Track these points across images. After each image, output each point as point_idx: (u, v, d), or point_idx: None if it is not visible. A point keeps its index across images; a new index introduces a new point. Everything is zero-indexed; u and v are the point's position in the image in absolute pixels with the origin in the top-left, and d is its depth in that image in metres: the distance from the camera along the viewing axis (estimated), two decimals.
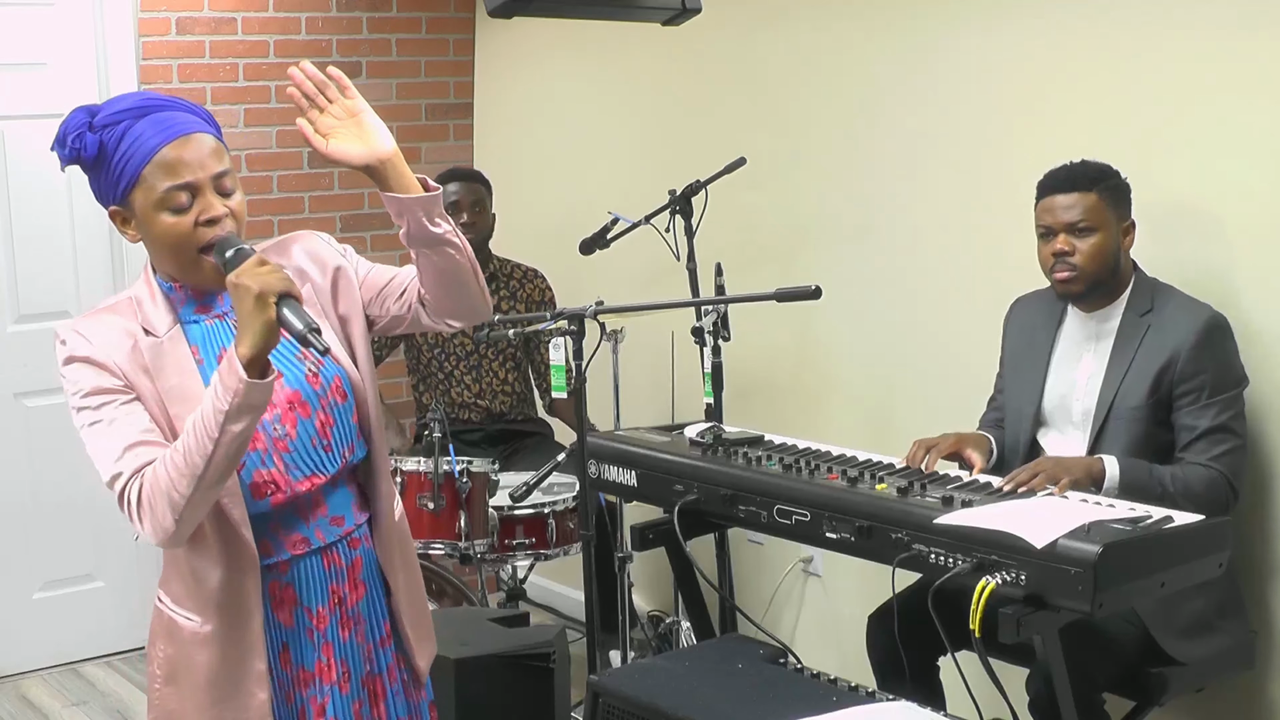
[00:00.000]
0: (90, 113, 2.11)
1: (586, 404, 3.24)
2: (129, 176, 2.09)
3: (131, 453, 2.06)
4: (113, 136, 2.09)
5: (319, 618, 2.22)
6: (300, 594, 2.20)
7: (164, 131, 2.08)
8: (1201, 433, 2.93)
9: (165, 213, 2.09)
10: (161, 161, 2.08)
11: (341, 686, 2.24)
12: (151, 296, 2.17)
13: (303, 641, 2.21)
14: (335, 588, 2.24)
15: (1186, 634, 2.91)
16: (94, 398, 2.09)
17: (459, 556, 3.94)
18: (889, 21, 3.89)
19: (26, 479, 4.69)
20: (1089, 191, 3.00)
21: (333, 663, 2.23)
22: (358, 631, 2.27)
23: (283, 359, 2.17)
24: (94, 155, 2.10)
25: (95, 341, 2.11)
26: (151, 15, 4.72)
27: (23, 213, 4.63)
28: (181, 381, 2.11)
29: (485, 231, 4.57)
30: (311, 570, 2.21)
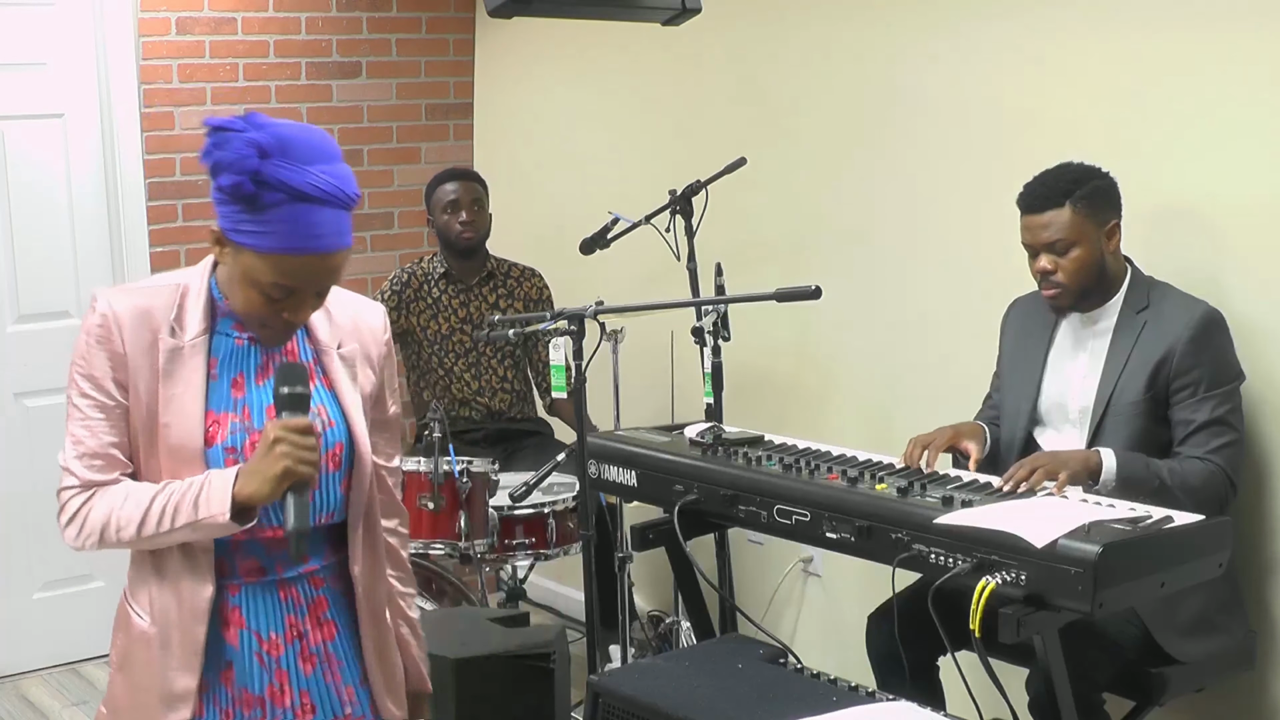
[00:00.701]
0: (261, 153, 2.00)
1: (586, 404, 3.24)
2: (252, 242, 2.02)
3: (91, 462, 2.09)
4: (269, 198, 2.00)
5: (271, 644, 2.18)
6: (247, 617, 2.17)
7: (307, 240, 2.02)
8: (1198, 426, 2.93)
9: (257, 292, 2.07)
10: (286, 264, 2.03)
11: (300, 716, 2.19)
12: (199, 293, 2.14)
13: (249, 664, 2.17)
14: (293, 620, 2.19)
15: (1187, 633, 2.91)
16: (86, 382, 2.10)
17: (459, 556, 3.94)
18: (889, 22, 3.89)
19: (26, 479, 4.69)
20: (1062, 206, 2.98)
21: (288, 689, 2.19)
22: (329, 670, 2.23)
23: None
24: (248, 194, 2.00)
25: (122, 323, 2.09)
26: (151, 15, 4.72)
27: (23, 213, 4.63)
28: (183, 395, 2.10)
29: (484, 230, 4.58)
30: (263, 598, 2.17)
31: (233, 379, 2.14)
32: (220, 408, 2.13)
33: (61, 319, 4.74)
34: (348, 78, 5.15)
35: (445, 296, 4.59)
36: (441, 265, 4.60)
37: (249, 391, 2.14)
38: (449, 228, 4.53)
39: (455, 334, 4.58)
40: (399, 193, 5.27)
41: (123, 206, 4.74)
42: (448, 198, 4.54)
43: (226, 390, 2.14)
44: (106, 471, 2.09)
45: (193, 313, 2.13)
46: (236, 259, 2.06)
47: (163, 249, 4.80)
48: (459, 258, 4.58)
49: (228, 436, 2.11)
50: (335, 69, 5.12)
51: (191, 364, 2.11)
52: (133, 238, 4.77)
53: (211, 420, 2.11)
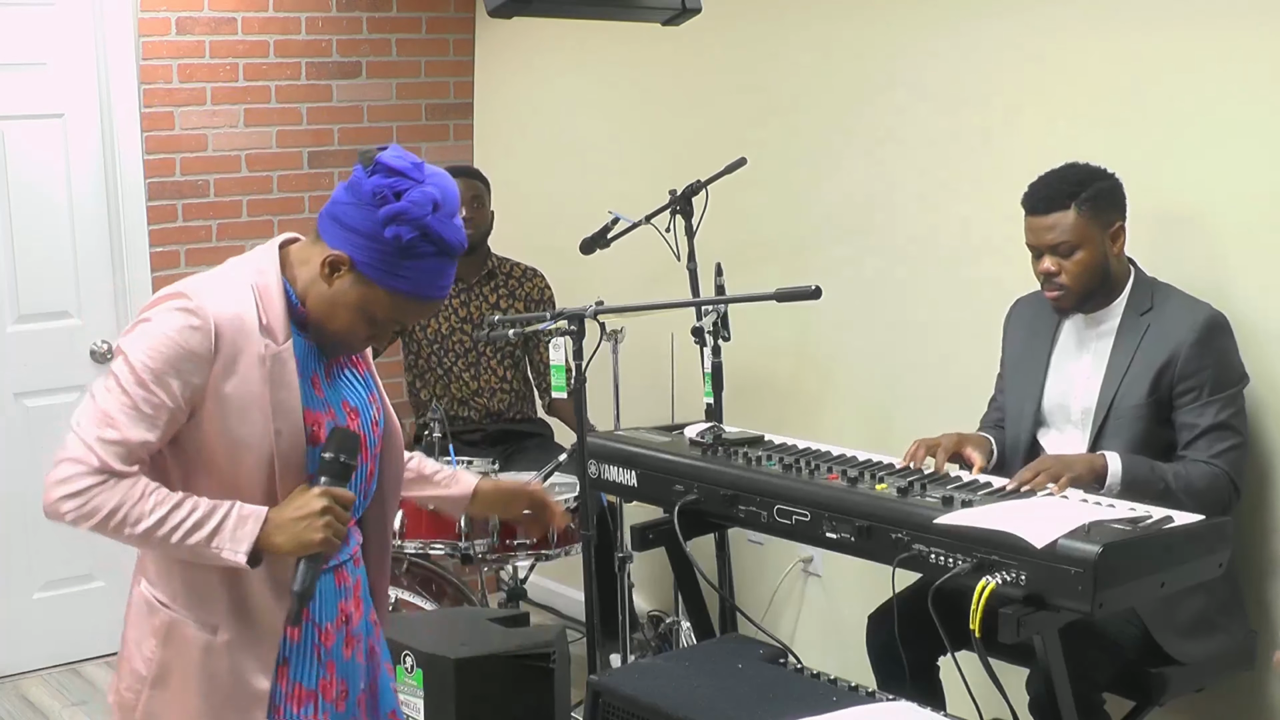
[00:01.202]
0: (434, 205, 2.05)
1: (586, 404, 3.24)
2: (391, 284, 2.07)
3: (116, 450, 2.03)
4: (424, 249, 2.05)
5: (326, 634, 2.21)
6: (313, 611, 2.19)
7: (439, 289, 2.11)
8: (1203, 430, 2.93)
9: (365, 322, 2.11)
10: (414, 305, 2.11)
11: (338, 704, 2.23)
12: (277, 295, 2.11)
13: (308, 658, 2.19)
14: (344, 605, 2.24)
15: (1187, 633, 2.91)
16: (150, 375, 2.02)
17: (459, 556, 3.94)
18: (889, 21, 3.89)
19: (27, 479, 4.68)
20: (1067, 209, 2.97)
21: (334, 680, 2.22)
22: (358, 651, 2.28)
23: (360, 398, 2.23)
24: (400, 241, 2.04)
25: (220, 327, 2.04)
26: (151, 15, 4.72)
27: (23, 213, 4.63)
28: (288, 400, 2.09)
29: (484, 228, 4.58)
30: (326, 587, 2.20)
31: (310, 379, 2.15)
32: (313, 407, 2.14)
33: (61, 319, 4.74)
34: (348, 78, 5.15)
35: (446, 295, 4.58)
36: None
37: (326, 390, 2.17)
38: None
39: (455, 333, 4.58)
40: None
41: (123, 206, 4.74)
42: None
43: (310, 390, 2.14)
44: (127, 463, 2.04)
45: (276, 314, 2.10)
46: (356, 288, 2.08)
47: (163, 249, 4.80)
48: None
49: (324, 435, 2.13)
50: (335, 69, 5.12)
51: (291, 368, 2.10)
52: (133, 238, 4.77)
53: (311, 420, 2.12)
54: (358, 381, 2.25)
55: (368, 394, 2.25)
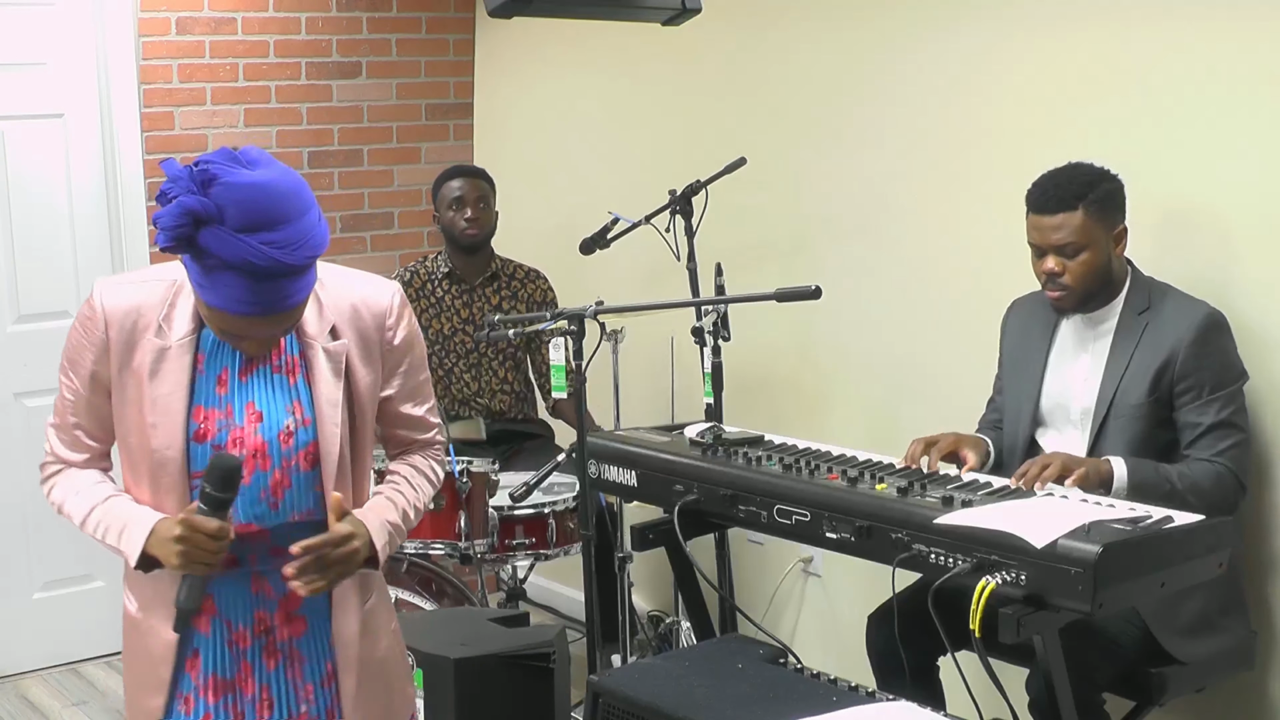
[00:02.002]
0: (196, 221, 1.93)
1: (586, 404, 3.24)
2: (199, 293, 2.02)
3: (62, 436, 2.24)
4: (209, 262, 1.95)
5: (239, 635, 2.21)
6: (219, 605, 2.20)
7: (246, 305, 1.98)
8: (1205, 429, 2.92)
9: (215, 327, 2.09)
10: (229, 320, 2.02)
11: (259, 709, 2.21)
12: (188, 293, 2.14)
13: (219, 651, 2.20)
14: (262, 615, 2.21)
15: (1188, 633, 2.91)
16: (68, 364, 2.19)
17: (459, 556, 3.94)
18: (890, 21, 3.89)
19: (27, 479, 4.65)
20: (1074, 209, 2.95)
21: (250, 681, 2.21)
22: (292, 667, 2.23)
23: (270, 403, 2.17)
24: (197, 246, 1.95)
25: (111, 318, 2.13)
26: (151, 15, 4.72)
27: (23, 213, 4.63)
28: (169, 396, 2.12)
29: (489, 228, 4.58)
30: (235, 588, 2.20)
31: (218, 375, 2.16)
32: (209, 403, 2.14)
33: (61, 319, 4.73)
34: (348, 78, 5.15)
35: (449, 296, 4.59)
36: (446, 264, 4.59)
37: (232, 389, 2.16)
38: (453, 224, 4.53)
39: (457, 334, 4.58)
40: (399, 193, 5.27)
41: (123, 206, 4.74)
42: (453, 194, 4.54)
43: (212, 387, 2.15)
44: (75, 450, 2.23)
45: (182, 311, 2.13)
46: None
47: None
48: (462, 255, 4.58)
49: (216, 433, 2.13)
50: (335, 69, 5.12)
51: (178, 363, 2.12)
52: (133, 238, 4.77)
53: (202, 416, 2.14)
54: (282, 389, 2.17)
55: (290, 401, 2.16)
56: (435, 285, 4.58)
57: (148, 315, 2.13)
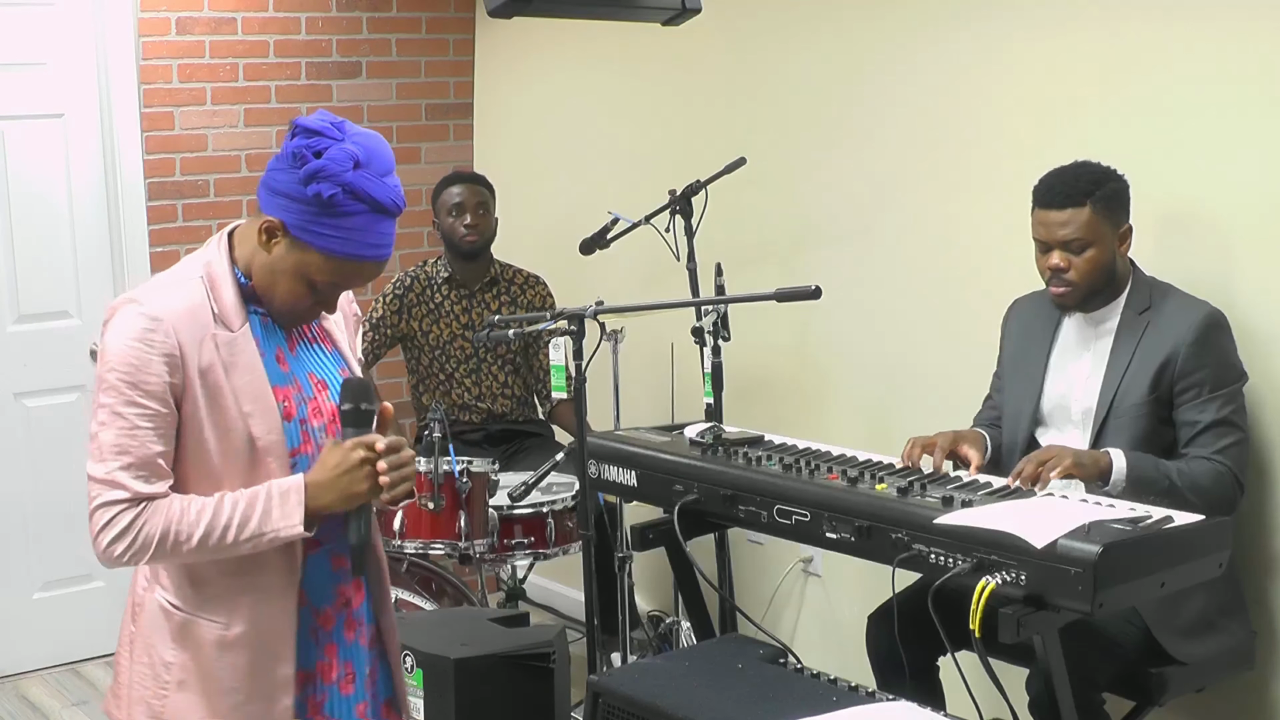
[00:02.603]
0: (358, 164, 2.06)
1: (586, 404, 3.24)
2: (322, 244, 2.08)
3: (139, 473, 2.05)
4: (351, 207, 2.06)
5: (325, 617, 2.22)
6: (309, 594, 2.20)
7: (373, 249, 2.11)
8: (1205, 427, 2.93)
9: (304, 284, 2.12)
10: (350, 266, 2.11)
11: (343, 687, 2.24)
12: (227, 281, 2.14)
13: (304, 642, 2.20)
14: (342, 589, 2.24)
15: (1188, 633, 2.91)
16: (133, 390, 2.04)
17: (459, 556, 3.94)
18: (889, 21, 3.89)
19: (26, 479, 4.69)
20: (1082, 206, 2.96)
21: (335, 663, 2.23)
22: (362, 634, 2.28)
23: (326, 369, 2.24)
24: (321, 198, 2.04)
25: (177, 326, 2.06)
26: (151, 15, 4.72)
27: (23, 213, 4.63)
28: (253, 381, 2.12)
29: (489, 234, 4.58)
30: (321, 569, 2.21)
31: (274, 355, 2.18)
32: (280, 382, 2.16)
33: (61, 319, 4.74)
34: (348, 78, 5.15)
35: (448, 301, 4.59)
36: (445, 269, 4.59)
37: (291, 365, 2.19)
38: (453, 230, 4.53)
39: (457, 339, 4.58)
40: None
41: (123, 206, 4.74)
42: (453, 200, 4.54)
43: (276, 366, 2.17)
44: (156, 483, 2.06)
45: (229, 301, 2.13)
46: (292, 253, 2.10)
47: (163, 249, 4.80)
48: (462, 260, 4.58)
49: (295, 409, 2.15)
50: (335, 69, 5.12)
51: (249, 350, 2.13)
52: (133, 238, 4.77)
53: (281, 396, 2.15)
54: (324, 356, 2.25)
55: (337, 368, 2.26)
56: (435, 290, 4.58)
57: (202, 313, 2.11)
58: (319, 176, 2.04)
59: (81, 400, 4.67)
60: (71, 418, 4.64)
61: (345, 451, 2.09)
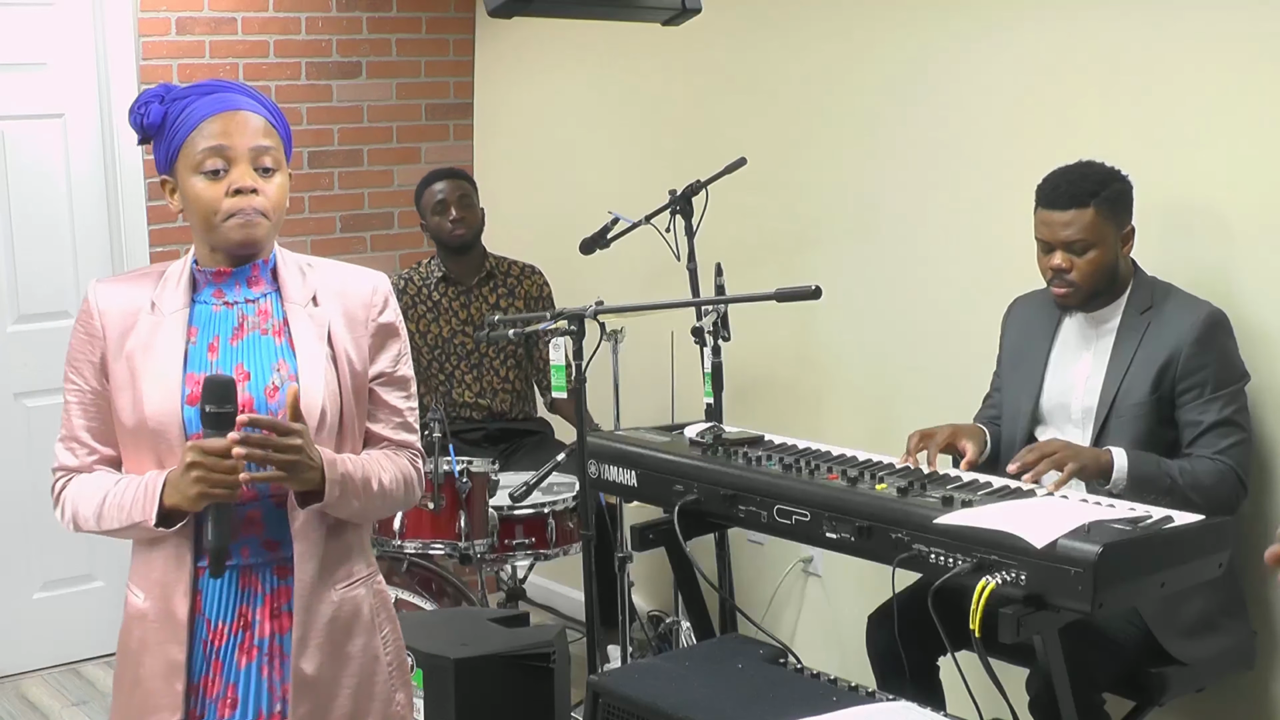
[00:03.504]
0: (167, 89, 2.23)
1: (586, 404, 3.24)
2: (177, 143, 2.18)
3: (69, 444, 2.24)
4: (179, 106, 2.19)
5: (217, 634, 2.19)
6: (205, 604, 2.19)
7: (215, 104, 2.18)
8: (1207, 427, 2.93)
9: (199, 177, 2.17)
10: (205, 129, 2.17)
11: (221, 708, 2.18)
12: (179, 275, 2.25)
13: (194, 649, 2.19)
14: (244, 609, 2.19)
15: (1189, 634, 2.91)
16: (69, 369, 2.24)
17: (459, 556, 3.94)
18: (889, 21, 3.89)
19: (26, 479, 4.69)
20: (1086, 207, 2.96)
21: (217, 680, 2.19)
22: (267, 665, 2.20)
23: (257, 361, 2.20)
24: (157, 123, 2.19)
25: (104, 309, 2.21)
26: (151, 15, 4.72)
27: (23, 213, 4.63)
28: (162, 363, 2.17)
29: (476, 226, 4.58)
30: (223, 585, 2.18)
31: (209, 343, 2.21)
32: (200, 369, 2.19)
33: (61, 319, 4.73)
34: (348, 78, 5.15)
35: (445, 299, 4.59)
36: (440, 268, 4.60)
37: (222, 352, 2.21)
38: (440, 227, 4.54)
39: (456, 336, 4.58)
40: (399, 193, 5.27)
41: (123, 206, 4.74)
42: (435, 199, 4.55)
43: (204, 353, 2.20)
44: (79, 456, 2.23)
45: (173, 289, 2.23)
46: (181, 183, 2.19)
47: (163, 249, 4.80)
48: (454, 256, 4.58)
49: None
50: (335, 69, 5.12)
51: (171, 334, 2.19)
52: (133, 238, 4.77)
53: (193, 382, 2.17)
54: (269, 348, 2.21)
55: (276, 359, 2.20)
56: (431, 289, 4.59)
57: (139, 300, 2.22)
58: (138, 111, 2.20)
59: None
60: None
61: (184, 451, 2.08)
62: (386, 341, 2.31)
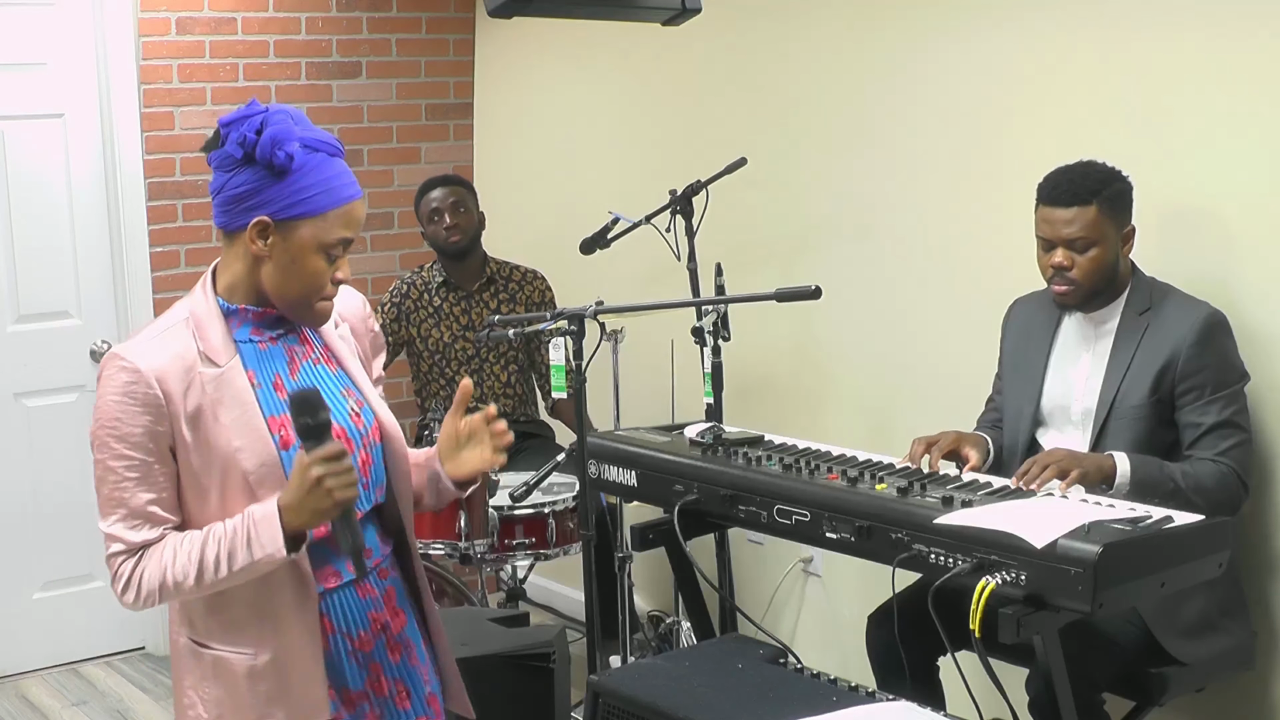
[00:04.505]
0: (295, 122, 2.11)
1: (586, 404, 3.24)
2: (314, 206, 2.09)
3: (133, 523, 2.10)
4: (315, 161, 2.09)
5: (361, 641, 2.23)
6: (336, 622, 2.21)
7: (353, 186, 2.14)
8: (1208, 429, 2.92)
9: (321, 256, 2.12)
10: (347, 212, 2.12)
11: (399, 703, 2.27)
12: (211, 317, 2.15)
13: (344, 665, 2.21)
14: (375, 615, 2.25)
15: (1189, 634, 2.91)
16: (120, 444, 2.08)
17: (459, 556, 3.94)
18: (889, 21, 3.89)
19: (26, 479, 4.69)
20: (1088, 205, 2.96)
21: (384, 680, 2.26)
22: (410, 655, 2.31)
23: (329, 393, 2.19)
24: (290, 166, 2.07)
25: (158, 374, 2.07)
26: (151, 15, 4.72)
27: (23, 213, 4.63)
28: (243, 415, 2.11)
29: (471, 231, 4.58)
30: (346, 602, 2.22)
31: (272, 383, 2.17)
32: (278, 411, 2.15)
33: (61, 319, 4.74)
34: (348, 78, 5.16)
35: (446, 304, 4.59)
36: (440, 273, 4.60)
37: (290, 389, 2.17)
38: (436, 234, 4.56)
39: (457, 341, 4.58)
40: (399, 193, 5.27)
41: (123, 206, 4.74)
42: (431, 206, 4.57)
43: (273, 394, 2.16)
44: (152, 529, 2.10)
45: (215, 337, 2.13)
46: (289, 238, 2.10)
47: (163, 249, 4.81)
48: (453, 262, 4.59)
49: (294, 436, 2.12)
50: (335, 69, 5.12)
51: (237, 384, 2.12)
52: (133, 238, 4.77)
53: (278, 425, 2.14)
54: (329, 377, 2.23)
55: (341, 388, 2.23)
56: (432, 295, 4.59)
57: (188, 356, 2.11)
58: (279, 143, 2.06)
59: (81, 400, 4.67)
60: (71, 418, 4.64)
61: (302, 469, 2.04)
62: (379, 348, 2.42)
